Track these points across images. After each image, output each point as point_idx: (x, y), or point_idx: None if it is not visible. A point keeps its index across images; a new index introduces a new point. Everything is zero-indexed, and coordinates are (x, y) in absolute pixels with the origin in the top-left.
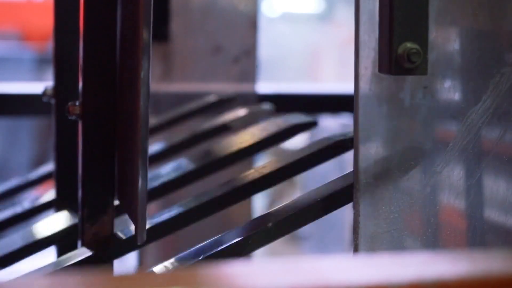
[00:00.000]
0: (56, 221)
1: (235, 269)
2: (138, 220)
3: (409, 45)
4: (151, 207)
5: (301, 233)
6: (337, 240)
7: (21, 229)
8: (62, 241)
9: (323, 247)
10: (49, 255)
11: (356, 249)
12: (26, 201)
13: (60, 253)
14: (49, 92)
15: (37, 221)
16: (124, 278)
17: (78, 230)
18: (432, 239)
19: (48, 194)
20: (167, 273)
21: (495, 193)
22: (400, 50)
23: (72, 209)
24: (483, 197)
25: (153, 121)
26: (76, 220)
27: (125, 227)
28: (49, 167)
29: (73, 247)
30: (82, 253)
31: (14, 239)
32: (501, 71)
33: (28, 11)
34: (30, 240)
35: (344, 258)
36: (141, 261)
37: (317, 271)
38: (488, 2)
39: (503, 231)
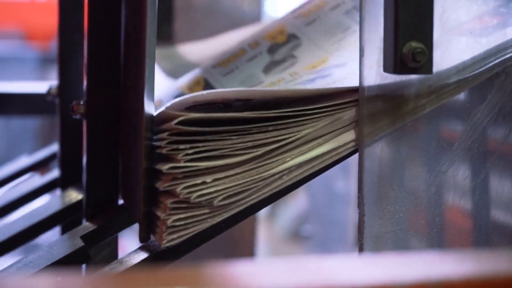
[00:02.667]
0: (60, 199)
1: (239, 268)
2: (142, 219)
3: (414, 44)
4: None
5: (305, 232)
6: (340, 240)
7: (24, 211)
8: (68, 219)
9: (327, 246)
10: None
11: (361, 249)
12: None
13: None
14: (53, 91)
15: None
16: (127, 277)
17: (82, 208)
18: (437, 239)
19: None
20: (171, 272)
21: (500, 192)
22: (405, 49)
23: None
24: (488, 196)
25: None
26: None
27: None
28: (53, 148)
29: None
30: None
31: (17, 222)
32: (506, 70)
33: (31, 11)
34: (33, 221)
35: (349, 258)
36: None
37: (322, 271)
38: (494, 0)
39: (509, 231)
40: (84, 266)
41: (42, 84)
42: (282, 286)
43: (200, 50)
